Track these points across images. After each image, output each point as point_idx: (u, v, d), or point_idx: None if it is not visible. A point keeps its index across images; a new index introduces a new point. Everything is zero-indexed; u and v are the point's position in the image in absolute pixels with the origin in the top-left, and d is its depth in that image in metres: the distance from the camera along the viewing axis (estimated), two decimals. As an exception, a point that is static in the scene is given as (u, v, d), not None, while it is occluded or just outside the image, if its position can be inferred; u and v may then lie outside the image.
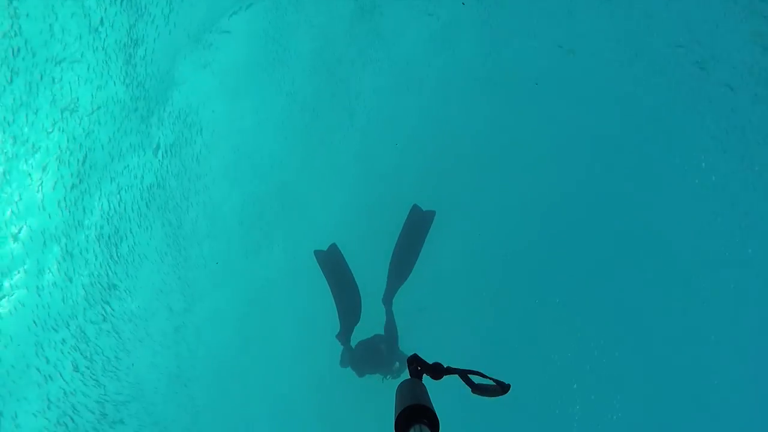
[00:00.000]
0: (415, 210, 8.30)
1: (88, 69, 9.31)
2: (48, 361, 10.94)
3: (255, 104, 11.81)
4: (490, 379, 1.50)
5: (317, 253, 7.96)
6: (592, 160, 14.44)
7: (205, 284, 13.34)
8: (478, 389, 1.53)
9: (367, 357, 7.44)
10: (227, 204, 12.80)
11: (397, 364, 7.72)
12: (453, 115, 13.51)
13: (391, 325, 7.94)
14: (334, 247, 8.07)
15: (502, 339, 16.36)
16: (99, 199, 10.72)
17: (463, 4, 11.30)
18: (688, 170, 13.64)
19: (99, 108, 9.79)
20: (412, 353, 1.63)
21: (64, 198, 10.02)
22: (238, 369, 14.64)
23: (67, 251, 10.42)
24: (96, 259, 11.01)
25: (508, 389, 1.49)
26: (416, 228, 8.13)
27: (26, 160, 9.51)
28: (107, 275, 11.38)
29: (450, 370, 1.51)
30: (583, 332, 16.30)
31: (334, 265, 7.94)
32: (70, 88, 9.33)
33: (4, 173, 9.35)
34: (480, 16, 11.68)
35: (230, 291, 13.77)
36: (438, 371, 1.50)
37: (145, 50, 9.64)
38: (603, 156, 14.32)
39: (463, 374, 1.51)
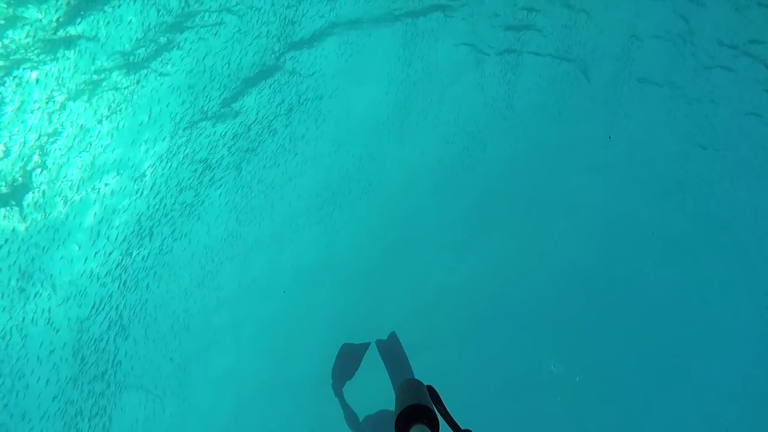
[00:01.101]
0: (379, 344, 8.41)
1: (240, 21, 10.19)
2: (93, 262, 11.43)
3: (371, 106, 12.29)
4: None
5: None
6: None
7: (249, 243, 13.23)
8: None
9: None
10: (314, 176, 13.00)
11: None
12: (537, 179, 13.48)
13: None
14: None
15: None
16: (203, 132, 11.43)
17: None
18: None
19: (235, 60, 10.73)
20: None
21: (180, 119, 10.87)
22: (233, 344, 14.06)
23: (159, 159, 11.11)
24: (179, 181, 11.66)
25: None
26: (392, 355, 8.28)
27: (158, 81, 10.40)
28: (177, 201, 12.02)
29: None
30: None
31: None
32: (217, 38, 10.28)
33: (138, 81, 10.29)
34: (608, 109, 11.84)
35: (265, 260, 13.53)
36: None
37: (300, 28, 10.48)
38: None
39: None
